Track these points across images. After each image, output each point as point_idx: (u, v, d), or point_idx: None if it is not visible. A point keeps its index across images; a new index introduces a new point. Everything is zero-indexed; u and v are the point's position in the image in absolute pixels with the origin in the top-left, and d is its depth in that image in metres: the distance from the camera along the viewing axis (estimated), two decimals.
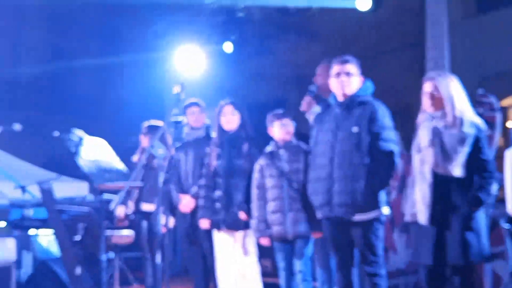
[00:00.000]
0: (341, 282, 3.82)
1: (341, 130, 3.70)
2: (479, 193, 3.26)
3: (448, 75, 3.53)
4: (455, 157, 3.25)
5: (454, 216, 3.30)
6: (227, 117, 4.54)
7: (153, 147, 3.35)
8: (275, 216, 4.13)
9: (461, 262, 3.27)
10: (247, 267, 4.43)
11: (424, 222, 3.36)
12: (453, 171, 3.25)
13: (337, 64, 3.80)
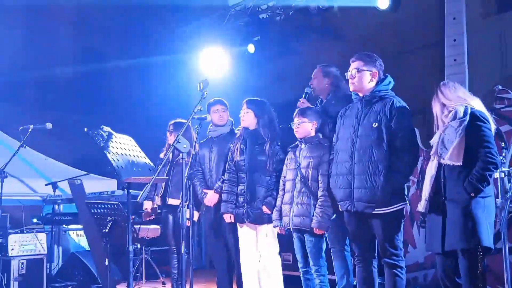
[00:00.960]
0: (361, 274, 3.90)
1: (362, 125, 3.79)
2: (476, 180, 3.29)
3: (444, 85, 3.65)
4: (449, 145, 3.34)
5: (453, 204, 3.37)
6: (241, 115, 4.72)
7: (178, 142, 3.47)
8: (285, 207, 4.30)
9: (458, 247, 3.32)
10: (269, 260, 4.56)
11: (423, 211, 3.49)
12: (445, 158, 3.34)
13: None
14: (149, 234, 6.15)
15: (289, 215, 4.24)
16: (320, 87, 4.67)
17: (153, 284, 6.41)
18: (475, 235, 3.29)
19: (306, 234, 4.21)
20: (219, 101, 5.08)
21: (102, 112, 7.91)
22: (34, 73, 7.77)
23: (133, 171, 3.69)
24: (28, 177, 6.85)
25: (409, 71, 7.76)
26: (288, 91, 5.09)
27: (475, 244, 3.30)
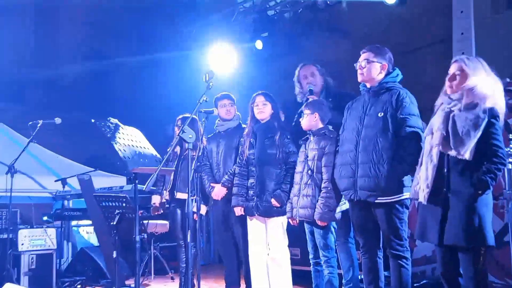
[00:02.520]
0: (366, 265, 3.90)
1: (368, 115, 3.80)
2: (486, 176, 3.18)
3: (477, 59, 3.46)
4: (467, 141, 3.20)
5: (457, 198, 3.27)
6: (259, 107, 4.71)
7: (183, 132, 3.49)
8: (294, 199, 4.36)
9: (460, 243, 3.24)
10: (278, 253, 4.57)
11: (423, 201, 3.37)
12: (463, 155, 3.21)
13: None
14: (157, 229, 6.19)
15: (296, 206, 4.29)
16: (318, 85, 4.80)
17: (162, 279, 6.45)
18: (481, 234, 3.21)
19: (314, 226, 4.26)
20: (226, 96, 5.11)
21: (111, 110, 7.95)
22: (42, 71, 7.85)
23: (140, 162, 3.71)
24: (38, 174, 6.90)
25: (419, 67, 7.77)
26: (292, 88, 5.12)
27: (481, 243, 3.23)
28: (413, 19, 7.56)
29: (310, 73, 4.79)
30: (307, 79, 4.78)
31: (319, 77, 4.80)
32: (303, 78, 4.83)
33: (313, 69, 4.82)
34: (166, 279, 6.42)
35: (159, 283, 6.27)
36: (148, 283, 6.20)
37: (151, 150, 3.87)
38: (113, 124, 3.63)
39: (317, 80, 4.79)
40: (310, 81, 4.76)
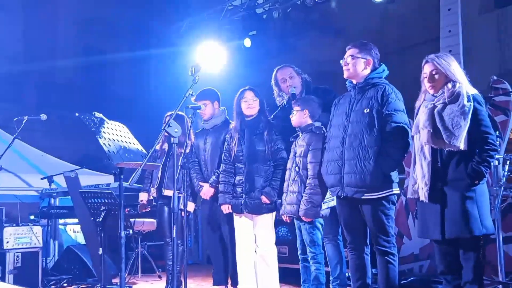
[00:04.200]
0: (353, 262, 3.89)
1: (354, 111, 3.79)
2: (480, 165, 3.24)
3: (447, 55, 3.56)
4: (459, 131, 3.24)
5: (454, 191, 3.32)
6: (248, 102, 4.67)
7: (169, 126, 3.46)
8: (283, 196, 4.38)
9: (463, 235, 3.28)
10: (265, 251, 4.55)
11: (424, 199, 3.39)
12: (459, 146, 3.25)
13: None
14: (144, 227, 6.15)
15: (284, 203, 4.32)
16: (298, 86, 4.83)
17: (149, 277, 6.40)
18: (482, 224, 3.28)
19: (300, 222, 4.28)
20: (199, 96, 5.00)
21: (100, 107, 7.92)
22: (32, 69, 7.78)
23: (125, 156, 3.67)
24: (24, 172, 6.85)
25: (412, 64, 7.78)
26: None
27: (483, 232, 3.30)
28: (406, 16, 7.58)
29: (289, 76, 4.83)
30: (286, 82, 4.82)
31: (297, 78, 4.84)
32: (281, 81, 4.87)
33: (290, 71, 4.86)
34: (154, 278, 6.38)
35: (146, 281, 6.23)
36: (135, 282, 6.16)
37: (136, 145, 3.83)
38: (97, 119, 3.59)
39: (296, 81, 4.83)
40: (290, 83, 4.80)
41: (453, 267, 3.42)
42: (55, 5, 8.23)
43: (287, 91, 4.82)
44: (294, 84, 4.79)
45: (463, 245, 3.36)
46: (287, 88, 4.80)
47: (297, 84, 4.81)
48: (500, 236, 4.09)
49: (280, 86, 4.90)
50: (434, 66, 3.47)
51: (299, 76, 4.86)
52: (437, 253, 3.52)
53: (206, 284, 5.89)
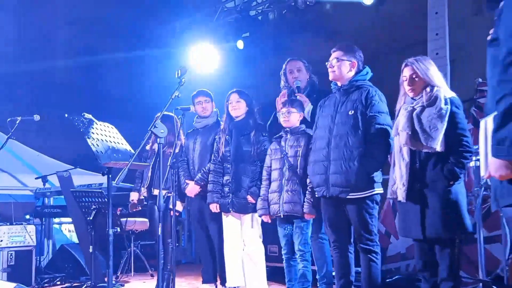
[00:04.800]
0: (337, 260, 3.98)
1: (339, 113, 3.88)
2: (455, 167, 3.34)
3: (426, 59, 3.64)
4: (436, 133, 3.33)
5: (432, 191, 3.41)
6: (233, 104, 4.77)
7: (155, 126, 3.54)
8: (273, 195, 4.37)
9: (442, 235, 3.38)
10: (252, 249, 4.64)
11: (402, 199, 3.48)
12: (435, 147, 3.34)
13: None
14: (136, 226, 6.23)
15: (278, 202, 4.31)
16: (304, 81, 4.79)
17: (142, 276, 6.48)
18: (461, 223, 3.37)
19: (295, 220, 4.31)
20: (201, 93, 5.15)
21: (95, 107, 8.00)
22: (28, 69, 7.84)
23: (113, 156, 3.75)
24: (19, 172, 6.92)
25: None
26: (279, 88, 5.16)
27: (462, 231, 3.39)
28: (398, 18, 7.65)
29: (297, 69, 4.78)
30: (293, 74, 4.78)
31: (305, 73, 4.80)
32: (289, 72, 4.83)
33: (300, 64, 4.81)
34: (146, 276, 6.45)
35: (138, 280, 6.31)
36: (128, 280, 6.24)
37: (125, 145, 3.90)
38: (86, 119, 3.66)
39: (303, 75, 4.79)
40: (296, 76, 4.76)
41: (430, 264, 3.52)
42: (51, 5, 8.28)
43: (292, 83, 4.79)
44: (300, 78, 4.76)
45: (439, 243, 3.45)
46: (293, 80, 4.78)
47: (303, 79, 4.77)
48: (481, 236, 4.17)
49: (287, 77, 4.86)
50: (414, 69, 3.56)
51: (308, 72, 4.82)
52: (416, 251, 3.62)
53: (197, 283, 5.96)
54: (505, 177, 2.01)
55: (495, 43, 2.12)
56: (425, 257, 3.57)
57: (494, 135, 2.00)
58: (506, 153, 1.96)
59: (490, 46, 2.18)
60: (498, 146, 1.98)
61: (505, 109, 1.94)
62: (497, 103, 1.98)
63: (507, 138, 1.95)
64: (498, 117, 1.98)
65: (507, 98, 1.94)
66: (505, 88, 1.95)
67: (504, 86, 1.96)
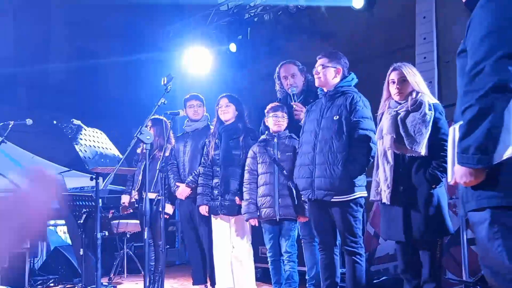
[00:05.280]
0: (323, 261, 4.07)
1: (324, 118, 3.97)
2: (436, 171, 3.42)
3: (411, 65, 3.73)
4: (421, 138, 3.42)
5: (415, 194, 3.50)
6: (222, 109, 4.84)
7: (141, 133, 3.61)
8: (265, 199, 4.42)
9: (424, 237, 3.47)
10: (241, 251, 4.71)
11: (386, 201, 3.56)
12: (420, 151, 3.42)
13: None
14: (128, 228, 6.29)
15: (273, 206, 4.36)
16: (299, 86, 4.75)
17: (134, 278, 6.54)
18: (443, 225, 3.47)
19: (286, 222, 4.38)
20: (194, 97, 5.23)
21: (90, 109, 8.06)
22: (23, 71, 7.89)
23: (101, 162, 3.82)
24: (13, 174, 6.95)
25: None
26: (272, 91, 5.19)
27: (444, 233, 3.49)
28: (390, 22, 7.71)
29: (291, 74, 4.71)
30: (287, 80, 4.71)
31: (299, 77, 4.73)
32: (283, 78, 4.75)
33: (294, 68, 4.73)
34: (139, 278, 6.49)
35: (131, 281, 6.37)
36: (120, 282, 6.31)
37: (113, 150, 3.97)
38: (75, 126, 3.73)
39: (298, 80, 4.72)
40: (291, 82, 4.69)
41: (413, 266, 3.60)
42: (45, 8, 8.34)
43: (287, 89, 4.70)
44: (296, 84, 4.69)
45: (421, 245, 3.53)
46: (287, 86, 4.70)
47: (298, 84, 4.71)
48: (464, 237, 4.24)
49: (282, 81, 4.78)
50: (402, 73, 3.64)
51: (302, 75, 4.74)
52: (398, 253, 3.69)
53: (189, 284, 6.03)
54: (468, 184, 2.09)
55: (463, 54, 2.20)
56: (407, 259, 3.65)
57: (459, 143, 2.09)
58: (470, 161, 2.04)
59: (459, 57, 2.26)
60: (463, 154, 2.07)
61: (470, 118, 2.03)
62: (463, 112, 2.07)
63: (471, 146, 2.03)
64: (463, 126, 2.07)
65: (472, 108, 2.02)
66: (470, 98, 2.04)
67: (470, 96, 2.04)
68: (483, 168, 2.04)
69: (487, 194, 2.07)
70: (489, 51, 2.02)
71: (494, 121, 1.98)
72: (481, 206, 2.09)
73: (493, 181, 2.05)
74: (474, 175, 2.06)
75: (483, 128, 1.99)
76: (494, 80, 1.98)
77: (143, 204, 5.29)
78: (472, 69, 2.05)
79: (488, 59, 2.01)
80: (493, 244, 2.06)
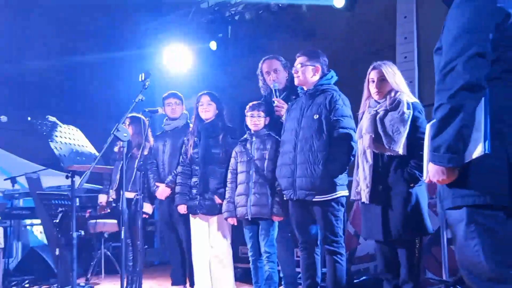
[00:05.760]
0: (304, 261, 4.03)
1: (304, 117, 3.94)
2: (415, 170, 3.40)
3: (392, 64, 3.71)
4: (399, 137, 3.41)
5: (393, 193, 3.49)
6: (204, 106, 4.77)
7: (118, 130, 3.53)
8: (240, 198, 4.39)
9: (403, 236, 3.45)
10: (220, 250, 4.65)
11: (366, 201, 3.55)
12: (398, 151, 3.41)
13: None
14: (106, 228, 6.18)
15: (246, 205, 4.32)
16: (282, 82, 4.65)
17: (112, 278, 6.45)
18: (422, 224, 3.46)
19: (262, 222, 4.33)
20: (172, 95, 5.16)
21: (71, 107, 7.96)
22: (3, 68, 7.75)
23: (77, 159, 3.74)
24: None
25: None
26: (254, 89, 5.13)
27: (423, 232, 3.48)
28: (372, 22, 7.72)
29: (273, 69, 4.61)
30: (270, 75, 4.62)
31: (282, 73, 4.63)
32: (266, 73, 4.66)
33: (277, 64, 4.63)
34: (116, 278, 6.41)
35: (109, 282, 6.27)
36: (98, 282, 6.20)
37: (89, 148, 3.89)
38: (50, 122, 3.65)
39: (281, 76, 4.63)
40: (274, 78, 4.60)
41: (392, 266, 3.59)
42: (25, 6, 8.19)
43: (270, 84, 4.60)
44: (278, 79, 4.59)
45: (400, 245, 3.52)
46: (270, 81, 4.60)
47: (281, 80, 4.60)
48: (444, 237, 4.25)
49: (265, 78, 4.67)
50: (382, 73, 3.62)
51: (286, 71, 4.63)
52: (377, 252, 3.68)
53: (167, 284, 5.95)
54: (441, 182, 2.09)
55: (440, 52, 2.19)
56: (386, 259, 3.65)
57: (431, 142, 2.09)
58: (441, 159, 2.04)
59: (436, 55, 2.25)
60: (435, 153, 2.06)
61: (441, 117, 2.03)
62: (435, 111, 2.06)
63: (442, 146, 2.03)
64: (435, 125, 2.07)
65: (443, 107, 2.02)
66: (442, 96, 2.03)
67: (441, 95, 2.04)
68: (454, 167, 2.04)
69: (461, 193, 2.06)
70: (461, 50, 2.02)
71: (465, 120, 1.98)
72: (455, 204, 2.08)
73: (466, 179, 2.05)
74: (446, 173, 2.05)
75: (453, 127, 1.99)
76: (465, 79, 1.98)
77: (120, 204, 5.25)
78: (444, 67, 2.05)
79: (459, 58, 2.01)
80: (469, 244, 2.04)
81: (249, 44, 8.82)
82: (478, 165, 2.02)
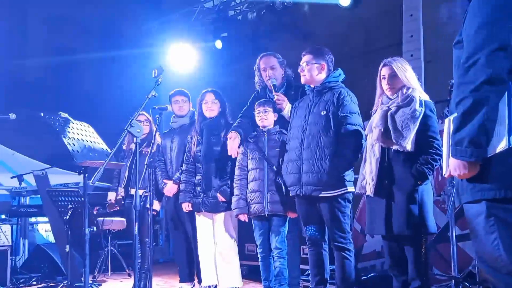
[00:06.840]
0: (312, 257, 4.04)
1: (312, 113, 3.96)
2: (423, 167, 3.42)
3: (404, 60, 3.74)
4: (407, 133, 3.43)
5: (399, 189, 3.50)
6: (208, 105, 4.79)
7: (131, 126, 3.55)
8: (254, 195, 4.38)
9: (404, 232, 3.46)
10: (225, 247, 4.68)
11: (370, 194, 3.58)
12: (405, 146, 3.43)
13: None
14: (113, 226, 6.21)
15: (262, 202, 4.32)
16: (279, 78, 4.69)
17: (119, 276, 6.48)
18: (423, 223, 3.46)
19: (275, 218, 4.33)
20: (179, 92, 5.17)
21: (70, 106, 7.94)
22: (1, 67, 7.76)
23: (89, 155, 3.76)
24: None
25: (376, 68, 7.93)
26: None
27: (423, 231, 3.48)
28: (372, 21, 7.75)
29: (270, 66, 4.65)
30: (267, 72, 4.66)
31: (279, 70, 4.68)
32: (263, 70, 4.70)
33: (274, 61, 4.67)
34: (123, 276, 6.45)
35: (116, 279, 6.30)
36: (105, 280, 6.23)
37: (101, 144, 3.91)
38: (63, 119, 3.67)
39: (278, 73, 4.67)
40: (270, 74, 4.63)
41: (399, 262, 3.60)
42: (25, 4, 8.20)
43: (267, 81, 4.66)
44: (275, 76, 4.63)
45: (406, 242, 3.54)
46: (267, 78, 4.65)
47: (278, 77, 4.65)
48: (453, 234, 4.26)
49: (261, 74, 4.72)
50: (392, 69, 3.64)
51: (282, 69, 4.69)
52: (384, 248, 3.70)
53: (175, 282, 5.98)
54: (462, 176, 2.10)
55: (459, 45, 2.20)
56: (393, 255, 3.65)
57: (453, 136, 2.09)
58: (464, 154, 2.04)
59: (455, 48, 2.26)
60: (457, 147, 2.07)
61: (464, 111, 2.03)
62: (457, 105, 2.07)
63: (464, 139, 2.03)
64: (457, 119, 2.07)
65: (466, 100, 2.02)
66: (464, 90, 2.04)
67: (463, 89, 2.04)
68: (477, 161, 2.04)
69: (482, 186, 2.06)
70: (483, 43, 2.02)
71: (488, 114, 1.98)
72: (475, 198, 2.08)
73: (487, 173, 2.05)
74: (467, 167, 2.06)
75: (476, 121, 1.99)
76: (488, 73, 1.98)
77: (129, 201, 5.26)
78: (466, 61, 2.05)
79: (482, 51, 2.01)
80: (489, 238, 2.05)
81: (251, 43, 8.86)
82: (499, 159, 2.03)
